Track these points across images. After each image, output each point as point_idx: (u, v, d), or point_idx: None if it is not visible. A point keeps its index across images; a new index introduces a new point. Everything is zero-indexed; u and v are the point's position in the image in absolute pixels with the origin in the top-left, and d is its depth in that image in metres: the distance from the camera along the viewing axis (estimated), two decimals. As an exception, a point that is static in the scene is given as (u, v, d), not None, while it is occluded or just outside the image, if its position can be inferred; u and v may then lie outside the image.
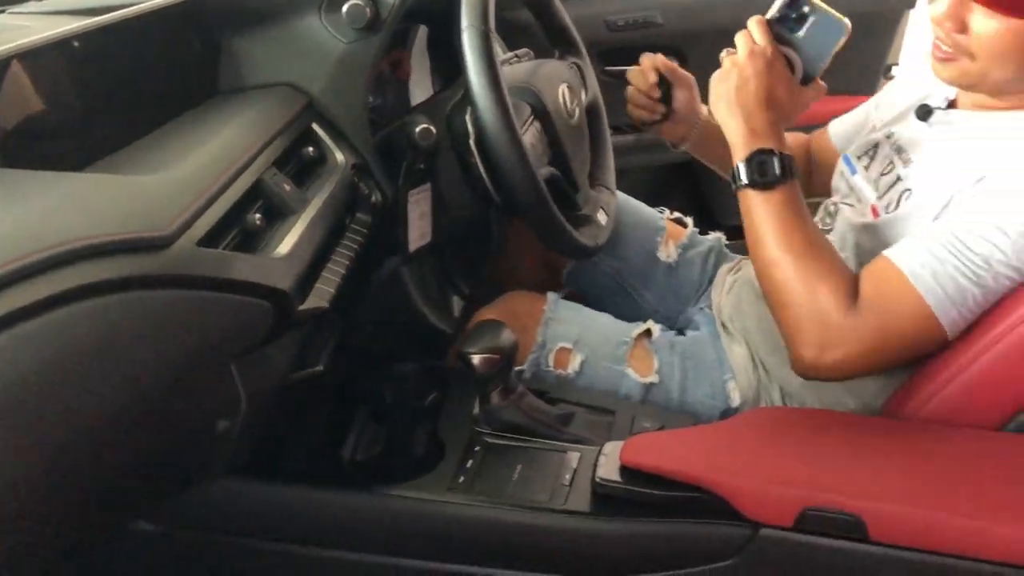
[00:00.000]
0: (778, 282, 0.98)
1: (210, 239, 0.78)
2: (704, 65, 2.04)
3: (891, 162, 1.09)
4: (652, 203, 2.15)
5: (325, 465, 1.08)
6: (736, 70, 1.01)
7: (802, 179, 1.20)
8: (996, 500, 0.83)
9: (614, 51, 1.99)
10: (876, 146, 1.15)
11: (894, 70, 2.23)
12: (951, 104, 1.08)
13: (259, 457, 0.99)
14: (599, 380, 1.21)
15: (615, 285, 1.47)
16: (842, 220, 1.14)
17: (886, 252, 0.95)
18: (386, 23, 1.14)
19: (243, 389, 0.86)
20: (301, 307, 0.87)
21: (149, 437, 0.76)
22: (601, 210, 1.34)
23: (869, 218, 1.06)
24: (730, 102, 1.02)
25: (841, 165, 1.21)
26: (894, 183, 1.05)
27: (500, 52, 1.66)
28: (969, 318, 0.92)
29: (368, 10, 1.11)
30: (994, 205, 0.90)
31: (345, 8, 1.11)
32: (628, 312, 1.38)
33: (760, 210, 1.00)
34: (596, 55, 1.99)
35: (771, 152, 1.00)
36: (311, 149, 1.05)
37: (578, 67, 1.40)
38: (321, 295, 0.91)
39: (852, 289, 0.94)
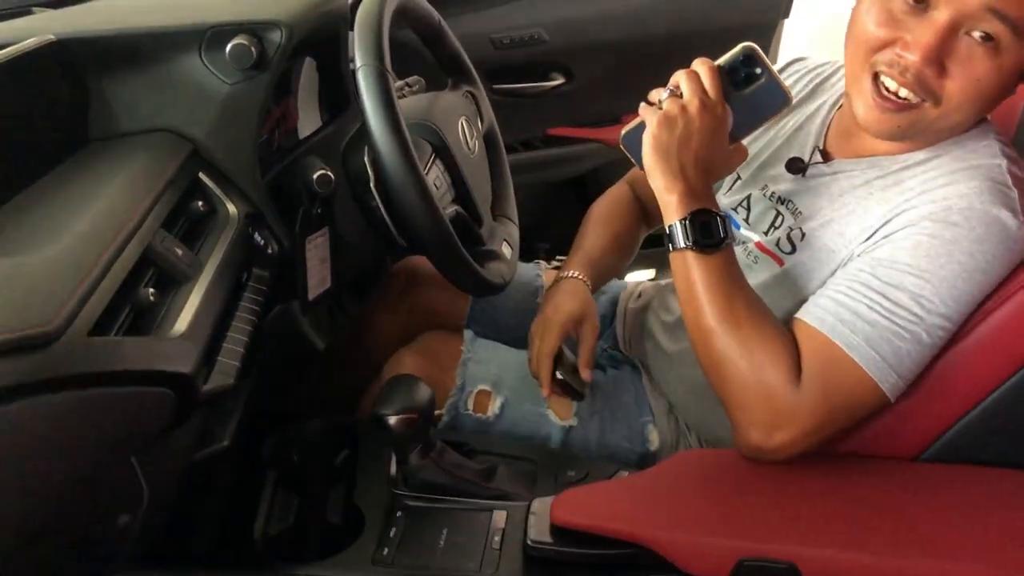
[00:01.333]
0: (719, 354, 0.93)
1: (101, 325, 0.71)
2: (592, 81, 2.07)
3: (777, 213, 1.07)
4: (551, 219, 2.14)
5: (235, 544, 1.01)
6: (683, 121, 0.92)
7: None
8: (922, 536, 0.85)
9: (501, 69, 1.96)
10: (749, 197, 1.12)
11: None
12: (824, 155, 1.05)
13: (164, 542, 0.92)
14: (519, 424, 1.18)
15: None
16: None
17: (809, 319, 0.92)
18: (273, 61, 1.07)
19: (145, 482, 0.78)
20: (206, 387, 0.80)
21: (46, 541, 0.69)
22: (505, 243, 1.31)
23: (775, 267, 1.05)
24: (669, 155, 0.92)
25: None
26: (789, 233, 1.04)
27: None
28: (910, 379, 0.90)
29: (254, 49, 1.04)
30: (910, 254, 0.89)
31: (229, 47, 1.04)
32: None
33: (699, 274, 0.94)
34: (483, 73, 1.95)
35: (712, 213, 0.95)
36: (200, 203, 0.98)
37: (473, 96, 1.36)
38: (225, 371, 0.84)
39: (795, 362, 0.91)
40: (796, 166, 1.06)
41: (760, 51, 0.92)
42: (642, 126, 0.95)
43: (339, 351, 1.43)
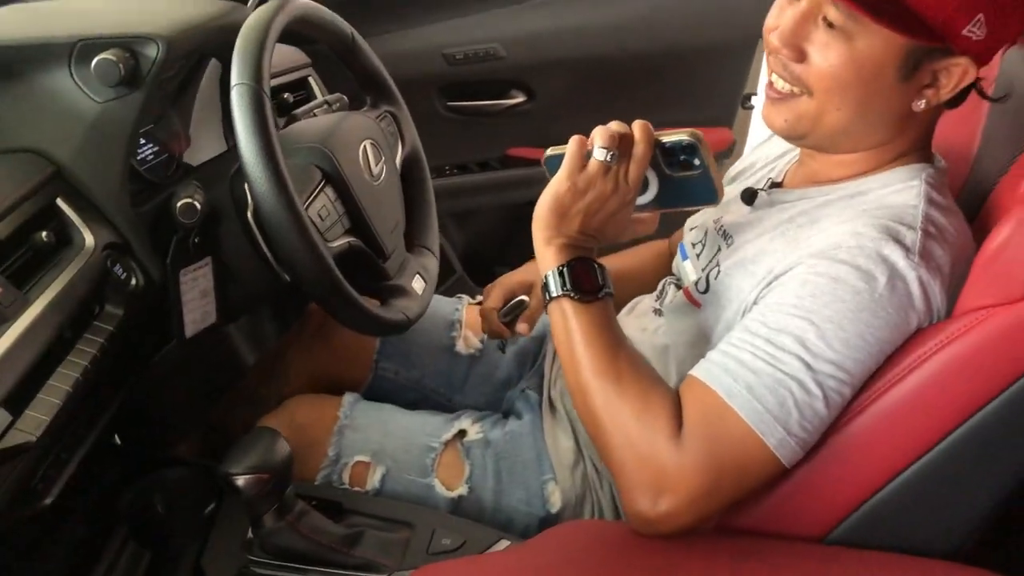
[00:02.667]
0: (599, 411, 0.86)
1: None
2: (554, 100, 1.99)
3: (718, 247, 1.01)
4: (511, 243, 2.06)
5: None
6: (594, 195, 0.88)
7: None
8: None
9: (455, 85, 1.87)
10: (706, 232, 1.06)
11: (753, 99, 2.19)
12: (776, 185, 1.00)
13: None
14: (402, 495, 1.08)
15: (420, 395, 1.32)
16: (668, 306, 1.06)
17: (697, 368, 0.85)
18: (148, 79, 0.99)
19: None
20: (-3, 446, 0.72)
21: None
22: (418, 276, 1.21)
23: (690, 305, 0.98)
24: (565, 217, 0.89)
25: (679, 258, 1.12)
26: (711, 267, 0.97)
27: (316, 91, 1.53)
28: (804, 437, 0.80)
29: (122, 66, 0.96)
30: (795, 294, 0.82)
31: (94, 62, 0.96)
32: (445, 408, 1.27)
33: (575, 323, 0.89)
34: (437, 89, 1.87)
35: (590, 261, 0.90)
36: (44, 233, 0.89)
37: (392, 116, 1.27)
38: (29, 425, 0.75)
39: (678, 415, 0.83)
40: (747, 196, 1.01)
41: (705, 144, 0.88)
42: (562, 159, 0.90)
43: (245, 385, 1.35)
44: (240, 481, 0.85)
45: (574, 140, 0.89)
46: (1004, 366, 0.77)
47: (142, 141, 1.12)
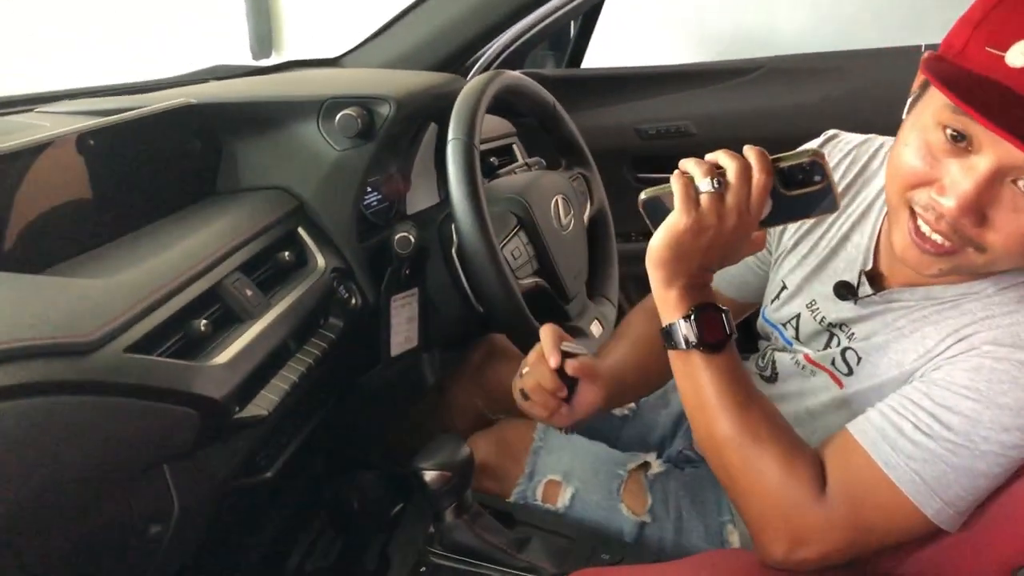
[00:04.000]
0: (735, 466, 0.86)
1: (143, 346, 0.79)
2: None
3: (832, 335, 1.00)
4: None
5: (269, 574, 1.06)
6: (714, 232, 0.80)
7: None
8: None
9: (646, 158, 1.98)
10: (797, 318, 1.04)
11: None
12: (873, 279, 0.95)
13: (203, 561, 0.98)
14: (590, 515, 1.14)
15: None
16: (799, 386, 1.04)
17: (852, 429, 0.85)
18: (380, 132, 1.17)
19: (176, 494, 0.85)
20: (238, 415, 0.87)
21: (71, 535, 0.76)
22: (596, 321, 1.32)
23: (834, 387, 0.98)
24: (683, 257, 0.82)
25: (767, 328, 1.11)
26: (844, 353, 0.97)
27: (519, 156, 1.69)
28: (963, 507, 0.80)
29: (360, 120, 1.14)
30: (969, 377, 0.81)
31: (338, 117, 1.14)
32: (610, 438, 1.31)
33: (706, 376, 0.86)
34: (629, 161, 1.99)
35: (715, 307, 0.86)
36: (287, 254, 1.07)
37: (584, 178, 1.40)
38: (263, 403, 0.90)
39: (820, 473, 0.83)
40: (845, 293, 0.97)
41: (827, 160, 0.81)
42: (667, 198, 0.83)
43: (415, 415, 1.46)
44: (428, 476, 0.97)
45: (677, 176, 0.81)
46: None
47: (369, 190, 1.30)
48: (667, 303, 0.86)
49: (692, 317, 0.84)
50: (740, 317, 1.19)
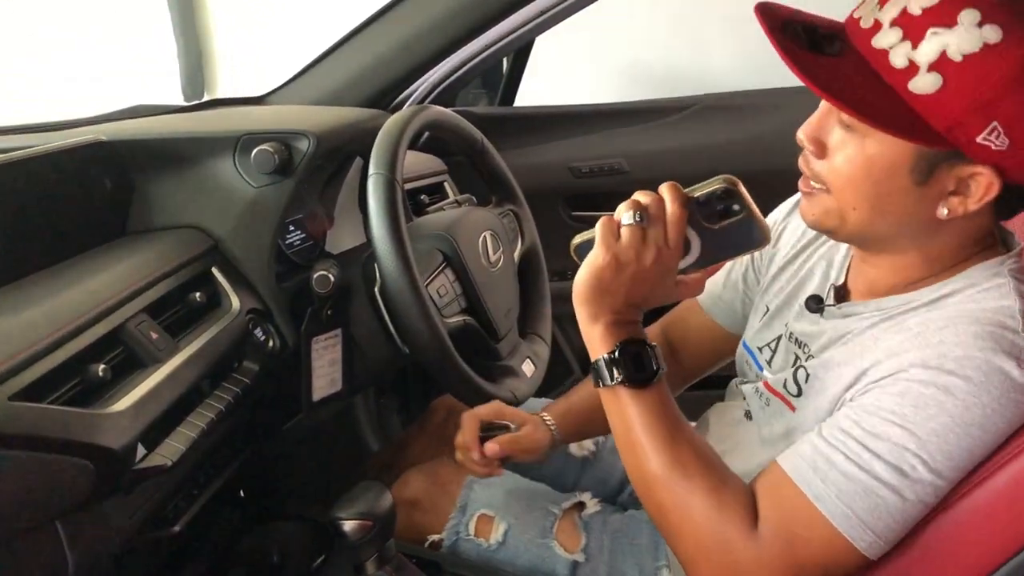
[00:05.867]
0: (665, 503, 0.84)
1: (33, 392, 0.74)
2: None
3: (795, 355, 1.00)
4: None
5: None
6: (634, 267, 0.82)
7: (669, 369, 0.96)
8: None
9: (580, 196, 1.97)
10: (778, 340, 1.04)
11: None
12: (840, 294, 0.98)
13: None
14: (522, 553, 1.12)
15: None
16: (760, 411, 1.04)
17: (782, 463, 0.84)
18: (298, 168, 1.13)
19: (71, 552, 0.80)
20: (138, 465, 0.81)
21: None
22: (528, 360, 1.29)
23: (787, 412, 0.96)
24: (606, 293, 0.84)
25: (746, 356, 1.11)
26: (795, 373, 0.96)
27: (450, 194, 1.66)
28: (891, 537, 0.79)
29: (277, 156, 1.10)
30: (896, 402, 0.79)
31: (254, 153, 1.11)
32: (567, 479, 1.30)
33: (633, 412, 0.85)
34: (563, 200, 1.98)
35: (642, 342, 0.86)
36: (199, 295, 1.02)
37: (514, 214, 1.38)
38: (167, 452, 0.85)
39: (752, 509, 0.83)
40: (813, 305, 0.99)
41: (741, 186, 0.81)
42: (593, 241, 0.84)
43: (367, 472, 1.42)
44: (347, 525, 0.92)
45: (602, 218, 0.84)
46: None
47: (291, 228, 1.26)
48: (593, 340, 0.86)
49: (616, 352, 0.85)
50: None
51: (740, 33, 2.78)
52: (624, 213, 0.82)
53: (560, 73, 2.71)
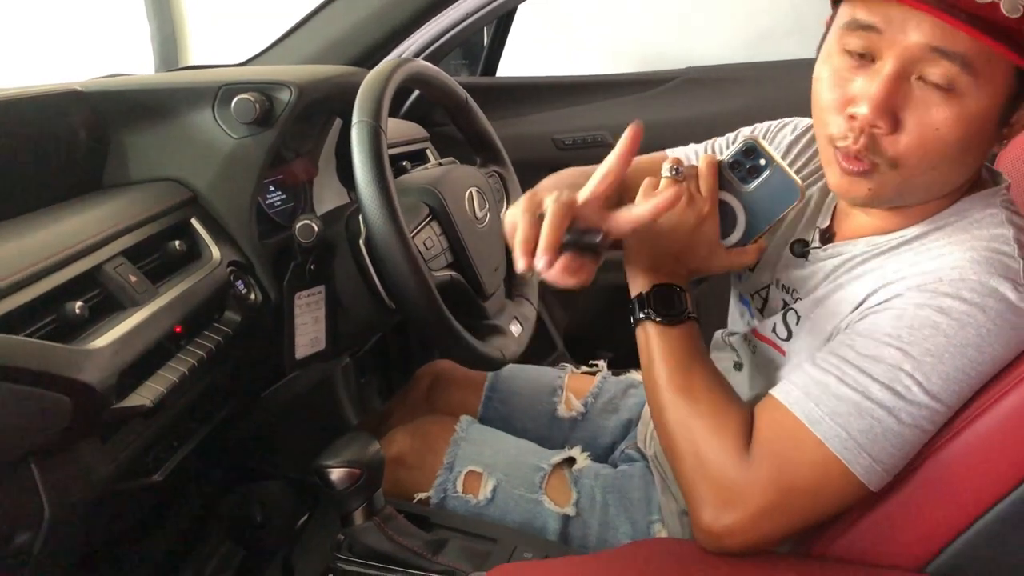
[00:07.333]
0: (671, 427, 0.87)
1: (8, 324, 0.71)
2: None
3: (783, 301, 1.00)
4: (615, 325, 2.09)
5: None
6: (675, 212, 0.87)
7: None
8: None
9: (563, 168, 1.95)
10: (767, 288, 1.04)
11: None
12: (826, 236, 0.97)
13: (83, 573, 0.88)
14: (512, 509, 1.10)
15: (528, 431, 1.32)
16: (750, 359, 1.04)
17: (777, 390, 0.84)
18: (279, 119, 1.10)
19: (47, 497, 0.76)
20: (117, 405, 0.78)
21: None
22: (516, 321, 1.26)
23: (779, 357, 0.97)
24: (644, 252, 0.91)
25: (741, 308, 1.11)
26: (784, 316, 0.96)
27: (432, 160, 1.64)
28: (890, 464, 0.78)
29: (258, 106, 1.07)
30: (891, 324, 0.79)
31: (234, 102, 1.07)
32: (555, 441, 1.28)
33: (657, 344, 0.89)
34: (546, 172, 1.95)
35: (673, 287, 0.91)
36: (178, 243, 0.99)
37: (500, 175, 1.35)
38: (147, 393, 0.82)
39: (749, 432, 0.83)
40: (799, 249, 0.99)
41: (763, 143, 0.89)
42: None
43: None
44: (334, 474, 0.89)
45: (646, 178, 0.90)
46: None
47: (272, 188, 1.23)
48: (634, 281, 0.93)
49: (650, 293, 0.90)
50: None
51: (725, 7, 2.78)
52: (665, 168, 0.89)
53: (544, 53, 2.70)
